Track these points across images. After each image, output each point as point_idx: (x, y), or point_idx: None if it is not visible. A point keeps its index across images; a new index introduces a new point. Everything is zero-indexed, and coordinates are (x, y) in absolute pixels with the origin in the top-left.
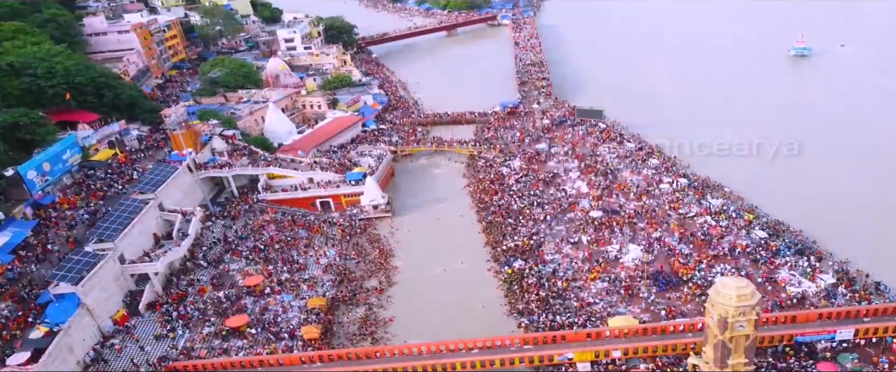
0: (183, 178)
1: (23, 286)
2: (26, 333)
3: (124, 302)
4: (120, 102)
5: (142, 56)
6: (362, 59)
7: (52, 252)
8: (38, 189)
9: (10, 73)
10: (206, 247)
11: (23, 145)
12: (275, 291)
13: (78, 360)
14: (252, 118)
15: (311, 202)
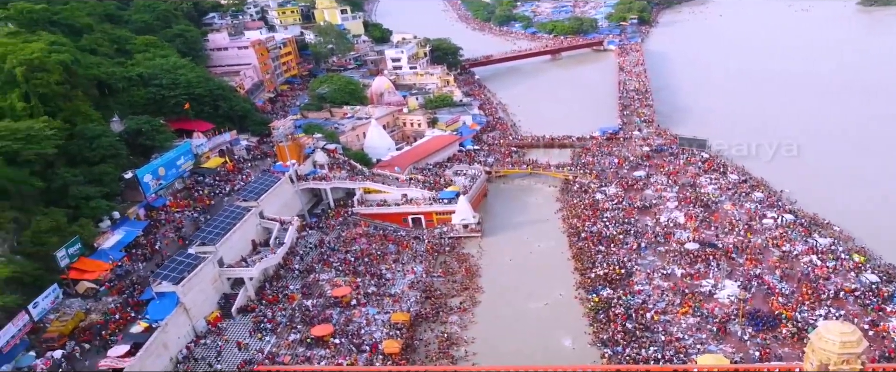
0: (284, 188)
1: (130, 283)
2: (128, 327)
3: (219, 304)
4: (233, 114)
5: (257, 71)
6: (465, 79)
7: (158, 252)
8: (152, 192)
9: (139, 83)
10: (299, 256)
11: (142, 150)
12: (361, 304)
13: (171, 356)
14: (354, 133)
15: (403, 218)
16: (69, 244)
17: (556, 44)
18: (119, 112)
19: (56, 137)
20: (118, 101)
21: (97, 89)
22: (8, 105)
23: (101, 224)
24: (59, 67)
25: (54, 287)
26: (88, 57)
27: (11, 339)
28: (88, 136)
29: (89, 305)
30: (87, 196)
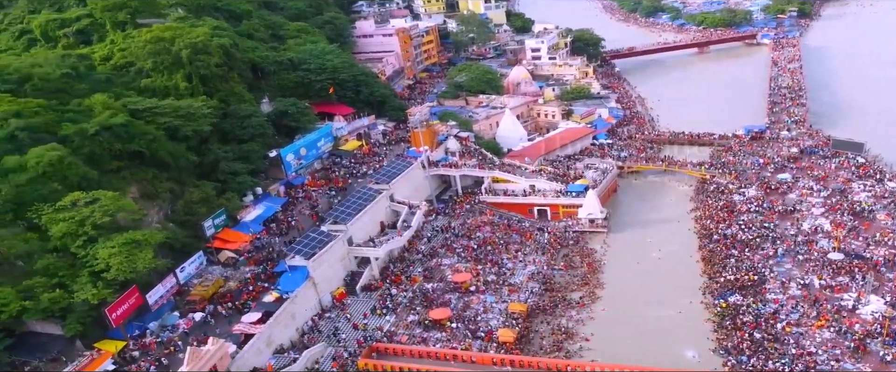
0: (415, 173)
1: (266, 255)
2: (261, 296)
3: (344, 281)
4: (373, 99)
5: (399, 58)
6: (604, 72)
7: (293, 228)
8: (293, 171)
9: (289, 67)
10: (424, 240)
11: (287, 131)
12: (480, 291)
13: (297, 327)
14: (487, 122)
15: (528, 209)
16: (216, 215)
17: (705, 36)
18: (269, 94)
19: (212, 116)
20: (269, 84)
21: (251, 72)
22: (173, 84)
23: (244, 198)
24: (220, 51)
25: (200, 254)
26: (246, 41)
27: (160, 298)
28: (240, 115)
29: (228, 273)
30: (235, 172)
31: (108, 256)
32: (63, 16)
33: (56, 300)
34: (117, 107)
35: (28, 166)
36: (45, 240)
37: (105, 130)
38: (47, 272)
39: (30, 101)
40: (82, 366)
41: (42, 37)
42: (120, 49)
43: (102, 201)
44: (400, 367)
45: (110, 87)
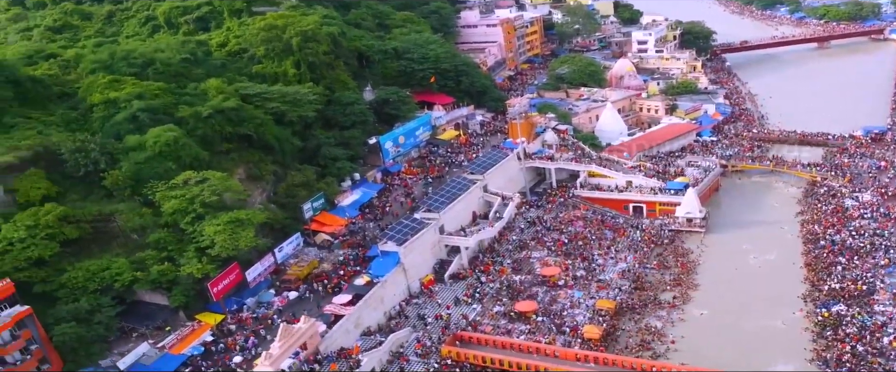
0: (510, 164)
1: (360, 239)
2: (353, 278)
3: (433, 268)
4: (473, 89)
5: (502, 49)
6: (713, 66)
7: (388, 214)
8: (391, 158)
9: (393, 55)
10: (515, 231)
11: (387, 118)
12: (568, 286)
13: (385, 310)
14: (587, 115)
15: (624, 205)
16: (315, 199)
17: (827, 31)
18: (372, 82)
19: (317, 102)
20: (372, 72)
21: (356, 60)
22: (282, 71)
23: (343, 183)
24: (328, 39)
25: (297, 235)
26: (353, 30)
27: (258, 276)
28: (344, 102)
29: (323, 255)
30: (335, 157)
31: (213, 232)
32: (185, 3)
33: (164, 273)
34: (230, 91)
35: (147, 146)
36: (157, 215)
37: (218, 114)
38: (158, 246)
39: (151, 84)
40: (184, 335)
41: (165, 23)
42: (235, 36)
43: (211, 181)
44: (482, 356)
45: (224, 72)
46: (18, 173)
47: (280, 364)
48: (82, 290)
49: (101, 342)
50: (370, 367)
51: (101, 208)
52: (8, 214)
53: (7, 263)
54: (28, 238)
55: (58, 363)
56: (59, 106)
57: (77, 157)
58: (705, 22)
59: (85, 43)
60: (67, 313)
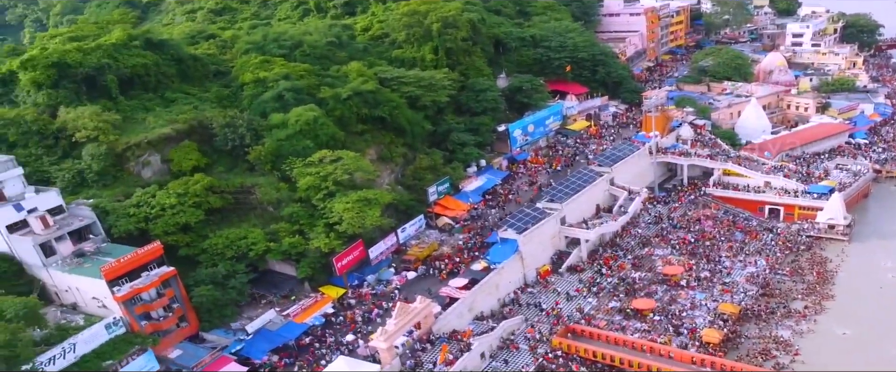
0: (640, 158)
1: (480, 225)
2: (470, 263)
3: (551, 259)
4: (609, 80)
5: (643, 38)
6: (877, 63)
7: (510, 201)
8: (518, 146)
9: (531, 43)
10: (640, 227)
11: (518, 106)
12: (689, 286)
13: (499, 297)
14: (728, 111)
15: (759, 206)
16: (440, 183)
17: None
18: (506, 69)
19: (451, 88)
20: (508, 59)
21: (493, 47)
22: (420, 56)
23: (468, 169)
24: (467, 25)
25: (420, 218)
26: (492, 17)
27: (380, 254)
28: (477, 89)
29: (443, 238)
30: (464, 143)
31: (342, 210)
32: None
33: (295, 245)
34: (369, 74)
35: (289, 124)
36: (293, 190)
37: (356, 96)
38: (291, 219)
39: (298, 65)
40: (307, 306)
41: (315, 7)
42: (379, 21)
43: (345, 160)
44: (593, 351)
45: (366, 56)
46: (175, 145)
47: (393, 340)
48: (221, 256)
49: (233, 306)
50: (480, 351)
51: (243, 181)
52: (162, 182)
53: (158, 226)
54: (178, 205)
55: (194, 322)
56: (215, 83)
57: (226, 132)
58: (873, 15)
59: (241, 25)
60: (206, 277)
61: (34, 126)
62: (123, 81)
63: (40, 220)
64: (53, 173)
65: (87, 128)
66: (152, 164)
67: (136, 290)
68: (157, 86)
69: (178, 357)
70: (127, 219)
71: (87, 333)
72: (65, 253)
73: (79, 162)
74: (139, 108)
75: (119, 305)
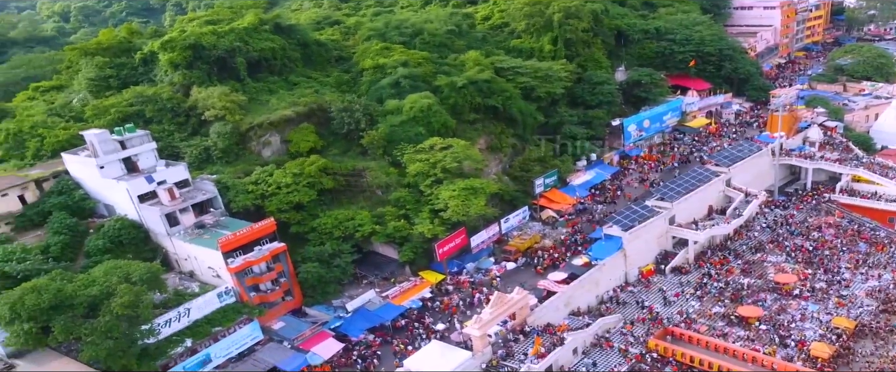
0: (761, 159)
1: (585, 220)
2: (571, 258)
3: (656, 259)
4: (734, 76)
5: (776, 33)
6: None
7: (618, 198)
8: (631, 141)
9: (654, 36)
10: (755, 231)
11: (635, 101)
12: (802, 297)
13: (598, 294)
14: (864, 113)
15: (890, 217)
16: (548, 175)
17: None
18: (626, 62)
19: (567, 79)
20: (628, 52)
21: (614, 39)
22: (539, 46)
23: (578, 163)
24: (590, 16)
25: (525, 209)
26: (616, 8)
27: (481, 243)
28: (593, 81)
29: (546, 231)
30: (575, 136)
31: (448, 197)
32: None
33: (400, 229)
34: (486, 64)
35: (403, 110)
36: (402, 175)
37: (471, 84)
38: (397, 204)
39: (416, 53)
40: (406, 289)
41: None
42: (500, 10)
43: (454, 149)
44: (691, 356)
45: (484, 45)
46: (294, 126)
47: (487, 329)
48: (329, 235)
49: (336, 284)
50: (573, 346)
51: (355, 164)
52: (280, 162)
53: (273, 203)
54: (293, 184)
55: (298, 297)
56: (336, 68)
57: (343, 116)
58: None
59: (365, 12)
60: (313, 254)
61: (169, 104)
62: (252, 64)
63: (168, 192)
64: (182, 149)
65: (215, 107)
66: (272, 143)
67: (248, 262)
68: (282, 69)
69: (281, 329)
70: (245, 195)
71: (200, 300)
72: (187, 224)
73: (206, 139)
74: (264, 90)
75: (231, 275)
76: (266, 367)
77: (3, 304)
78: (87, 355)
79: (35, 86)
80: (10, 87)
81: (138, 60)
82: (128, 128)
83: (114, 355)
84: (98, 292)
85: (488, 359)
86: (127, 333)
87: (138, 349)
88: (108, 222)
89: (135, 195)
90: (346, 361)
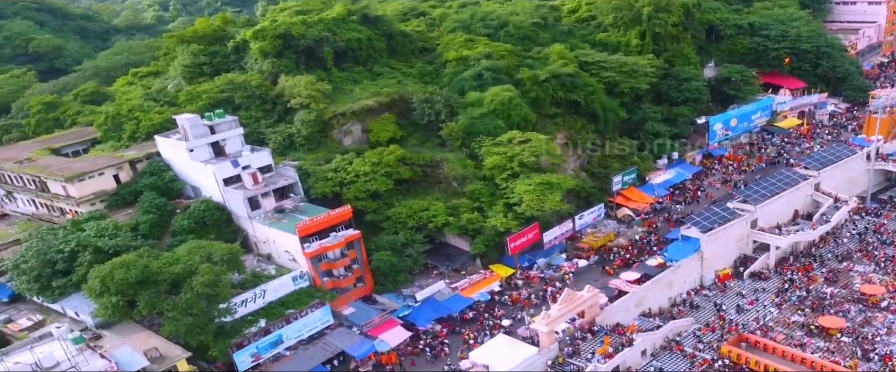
0: (854, 163)
1: (662, 220)
2: (646, 258)
3: (734, 263)
4: (831, 75)
5: (880, 30)
6: None
7: (698, 198)
8: (716, 140)
9: (747, 31)
10: (841, 239)
11: (723, 98)
12: (890, 309)
13: (671, 296)
14: None
15: None
16: (626, 173)
17: None
18: (716, 58)
19: (652, 75)
20: (719, 48)
21: (705, 34)
22: (625, 40)
23: (658, 161)
24: (680, 10)
25: (600, 206)
26: (710, 2)
27: (554, 239)
28: (680, 78)
29: (621, 229)
30: (658, 133)
31: (523, 191)
32: None
33: (472, 221)
34: (570, 57)
35: (484, 103)
36: (478, 168)
37: (554, 78)
38: (472, 196)
39: (500, 45)
40: (476, 281)
41: None
42: (587, 2)
43: (533, 143)
44: (765, 365)
45: (569, 38)
46: (375, 116)
47: (555, 326)
48: (403, 224)
49: (407, 273)
50: (642, 348)
51: (433, 155)
52: (360, 150)
53: (351, 191)
54: (371, 173)
55: (369, 284)
56: (419, 59)
57: (424, 107)
58: None
59: (451, 4)
60: (387, 243)
61: (257, 91)
62: (338, 54)
63: (252, 176)
64: (267, 135)
65: (301, 95)
66: (353, 132)
67: (323, 248)
68: (367, 59)
69: (351, 314)
70: (324, 182)
71: (276, 283)
72: (267, 208)
73: (290, 126)
74: (349, 79)
75: (307, 260)
76: (335, 351)
77: (95, 277)
78: (167, 330)
79: (134, 71)
80: (112, 72)
81: (231, 48)
82: (217, 113)
83: (192, 331)
84: (181, 270)
85: (554, 356)
86: (206, 310)
87: (215, 327)
88: (194, 204)
89: (220, 178)
90: (412, 349)
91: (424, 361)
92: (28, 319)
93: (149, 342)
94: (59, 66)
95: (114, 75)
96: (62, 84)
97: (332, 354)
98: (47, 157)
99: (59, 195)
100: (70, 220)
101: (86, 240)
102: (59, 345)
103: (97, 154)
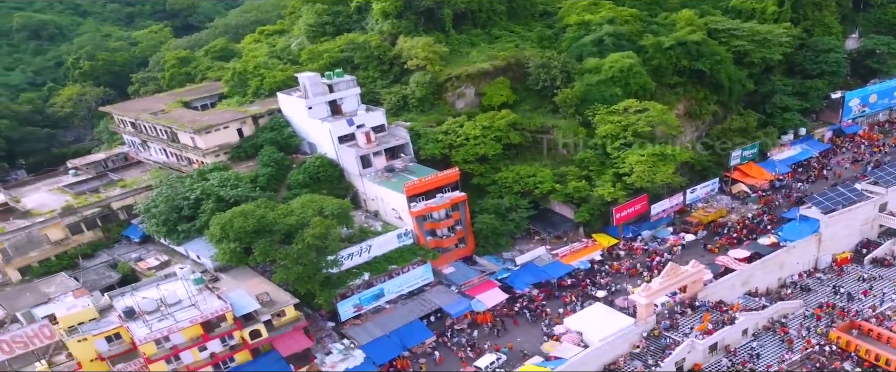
0: None
1: (780, 198)
2: (758, 236)
3: (855, 247)
4: None
5: None
6: None
7: (823, 178)
8: (850, 117)
9: None
10: None
11: (863, 72)
12: None
13: (780, 277)
14: None
15: None
16: (747, 147)
17: None
18: (861, 29)
19: (787, 45)
20: (867, 17)
21: (852, 1)
22: (761, 7)
23: (784, 136)
24: None
25: (715, 181)
26: None
27: (662, 211)
28: (817, 49)
29: (734, 206)
30: (787, 107)
31: (635, 162)
32: None
33: (579, 189)
34: (698, 24)
35: (602, 69)
36: (589, 136)
37: (679, 46)
38: (581, 164)
39: (625, 10)
40: (577, 249)
41: None
42: None
43: (650, 112)
44: (877, 354)
45: (700, 3)
46: (490, 80)
47: (655, 299)
48: (508, 189)
49: (508, 237)
50: (743, 327)
51: (544, 121)
52: (471, 114)
53: (459, 154)
54: (481, 137)
55: (471, 246)
56: (539, 23)
57: (539, 72)
58: None
59: None
60: (491, 207)
61: (376, 52)
62: (457, 16)
63: (365, 135)
64: (383, 95)
65: (418, 57)
66: (466, 95)
67: (429, 208)
68: (487, 22)
69: (451, 274)
70: (434, 144)
71: (381, 239)
72: (378, 166)
73: (405, 87)
74: (466, 42)
75: (412, 219)
76: (432, 307)
77: (216, 224)
78: (278, 277)
79: (261, 29)
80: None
81: (353, 8)
82: (337, 72)
83: (301, 279)
84: (295, 222)
85: (651, 328)
86: (315, 261)
87: (322, 277)
88: (309, 159)
89: (335, 136)
90: (507, 311)
91: (524, 322)
92: (155, 258)
93: (261, 287)
94: (192, 22)
95: (242, 33)
96: (195, 40)
97: (430, 310)
98: (179, 110)
99: (188, 146)
100: (196, 169)
101: (209, 189)
102: (181, 284)
103: (223, 108)
